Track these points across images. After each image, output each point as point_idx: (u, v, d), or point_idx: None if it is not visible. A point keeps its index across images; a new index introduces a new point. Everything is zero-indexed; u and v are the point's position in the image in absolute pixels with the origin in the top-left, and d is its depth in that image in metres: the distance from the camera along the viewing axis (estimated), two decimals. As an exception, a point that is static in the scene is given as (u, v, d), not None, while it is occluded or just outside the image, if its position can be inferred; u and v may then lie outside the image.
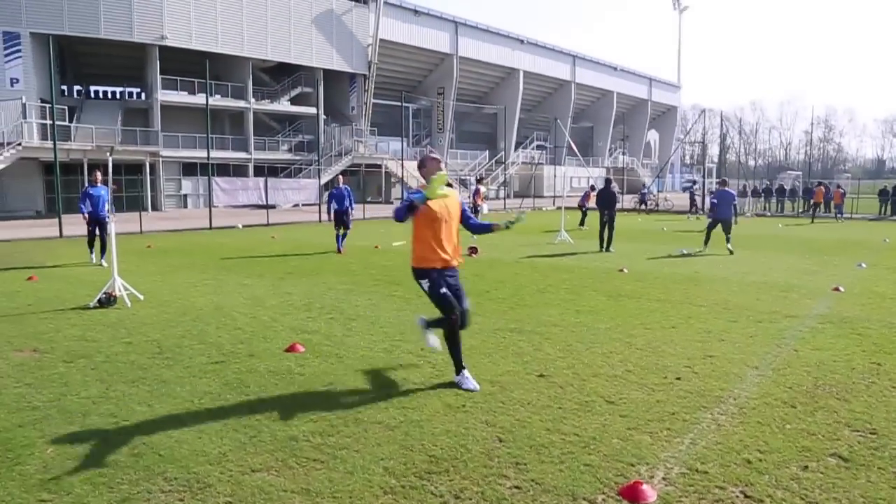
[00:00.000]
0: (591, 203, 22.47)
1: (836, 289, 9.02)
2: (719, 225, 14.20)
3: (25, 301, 8.44)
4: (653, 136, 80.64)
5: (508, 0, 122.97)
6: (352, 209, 14.26)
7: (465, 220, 4.98)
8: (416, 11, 46.85)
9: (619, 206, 16.16)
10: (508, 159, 53.84)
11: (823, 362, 5.40)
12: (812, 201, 29.22)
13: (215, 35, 36.41)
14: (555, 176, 47.56)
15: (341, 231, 14.04)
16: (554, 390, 4.68)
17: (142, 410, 4.39)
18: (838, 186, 33.43)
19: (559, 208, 34.60)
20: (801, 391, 4.67)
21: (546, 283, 9.61)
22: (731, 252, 13.49)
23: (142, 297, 8.40)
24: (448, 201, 4.73)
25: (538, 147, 58.74)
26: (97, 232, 12.66)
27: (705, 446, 3.72)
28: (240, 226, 23.43)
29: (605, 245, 14.17)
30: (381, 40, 43.84)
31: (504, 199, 40.68)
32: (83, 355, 5.73)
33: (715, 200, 14.42)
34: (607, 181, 14.88)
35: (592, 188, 23.23)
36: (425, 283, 4.77)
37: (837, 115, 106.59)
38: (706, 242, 14.12)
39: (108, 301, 8.02)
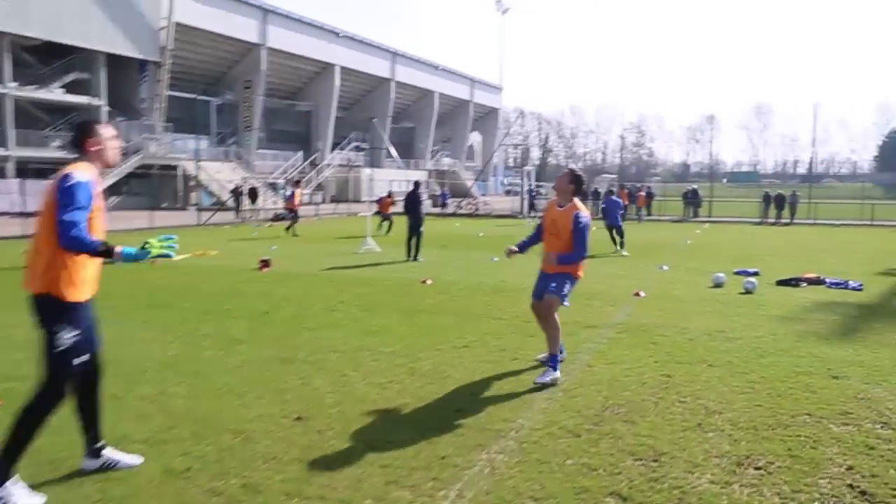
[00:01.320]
0: (397, 209, 22.93)
1: (637, 294, 9.45)
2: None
3: None
4: (475, 138, 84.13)
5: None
6: None
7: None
8: (215, -8, 44.28)
9: (428, 210, 16.15)
10: (324, 161, 52.84)
11: (615, 378, 5.37)
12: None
13: (-44, 2, 31.40)
14: (373, 179, 47.44)
15: None
16: (310, 437, 4.09)
17: None
18: (640, 189, 36.89)
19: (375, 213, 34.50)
20: (589, 415, 4.52)
21: (338, 299, 9.05)
22: (626, 255, 15.06)
23: None
24: None
25: (356, 148, 58.41)
26: None
27: (472, 499, 3.32)
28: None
29: (412, 253, 13.98)
30: (177, 24, 40.82)
31: (318, 204, 39.66)
32: None
33: (604, 206, 16.16)
34: (415, 184, 14.74)
35: (389, 194, 23.66)
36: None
37: (648, 121, 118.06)
38: (621, 245, 15.76)
39: None
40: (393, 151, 59.10)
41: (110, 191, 37.47)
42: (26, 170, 33.27)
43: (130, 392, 4.99)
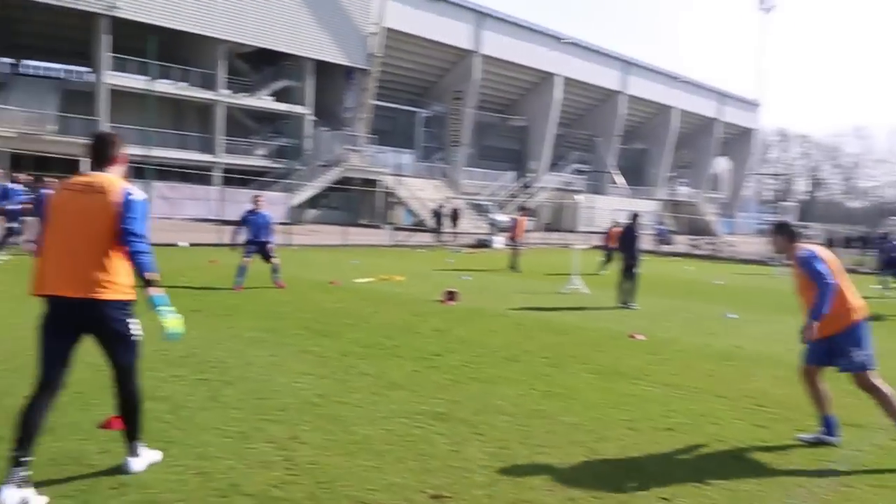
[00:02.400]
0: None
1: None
2: None
3: None
4: (722, 164, 79.81)
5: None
6: (272, 242, 13.30)
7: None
8: (431, -4, 46.93)
9: (646, 247, 15.30)
10: (538, 183, 53.21)
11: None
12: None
13: (180, 9, 36.46)
14: (592, 207, 46.77)
15: (247, 264, 12.98)
16: (446, 527, 3.73)
17: None
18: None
19: (591, 247, 33.83)
20: None
21: (523, 347, 8.69)
22: None
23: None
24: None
25: (576, 171, 58.15)
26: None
27: None
28: (183, 243, 22.82)
29: (624, 299, 13.26)
30: (387, 29, 43.82)
31: (527, 231, 39.82)
32: None
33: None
34: (633, 217, 14.02)
35: (616, 225, 22.44)
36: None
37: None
38: None
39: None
40: (618, 176, 58.11)
41: (309, 203, 40.93)
42: (230, 177, 37.36)
43: (260, 433, 5.02)
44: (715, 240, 40.27)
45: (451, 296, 12.63)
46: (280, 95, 42.20)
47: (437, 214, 33.81)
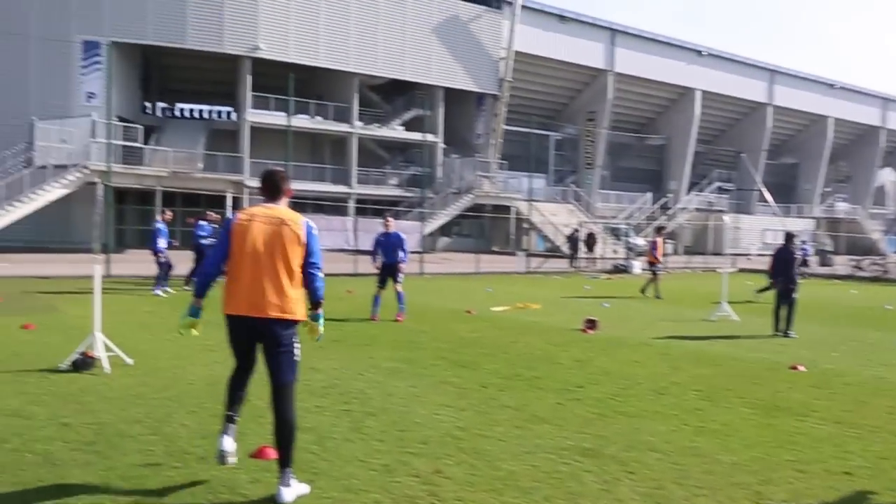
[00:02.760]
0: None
1: None
2: None
3: (-7, 356, 8.51)
4: (888, 176, 74.25)
5: (679, 2, 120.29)
6: (404, 262, 13.30)
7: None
8: (561, 17, 46.85)
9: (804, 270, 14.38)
10: (677, 204, 51.60)
11: None
12: None
13: (316, 47, 38.24)
14: (738, 227, 44.78)
15: (380, 293, 13.13)
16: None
17: (-3, 535, 3.85)
18: None
19: (741, 270, 32.30)
20: None
21: (672, 379, 8.35)
22: None
23: (130, 362, 8.22)
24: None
25: (718, 189, 55.96)
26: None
27: None
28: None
29: (780, 326, 12.51)
30: (516, 53, 44.11)
31: (667, 255, 38.63)
32: (-5, 439, 5.45)
33: None
34: (786, 237, 13.25)
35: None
36: None
37: None
38: None
39: (83, 364, 7.87)
40: (767, 194, 55.39)
41: (441, 231, 41.56)
42: (364, 207, 38.55)
43: (404, 466, 5.06)
44: (881, 260, 37.45)
45: (591, 324, 12.38)
46: (411, 125, 43.25)
47: (573, 239, 33.41)
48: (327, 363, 8.79)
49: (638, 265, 31.14)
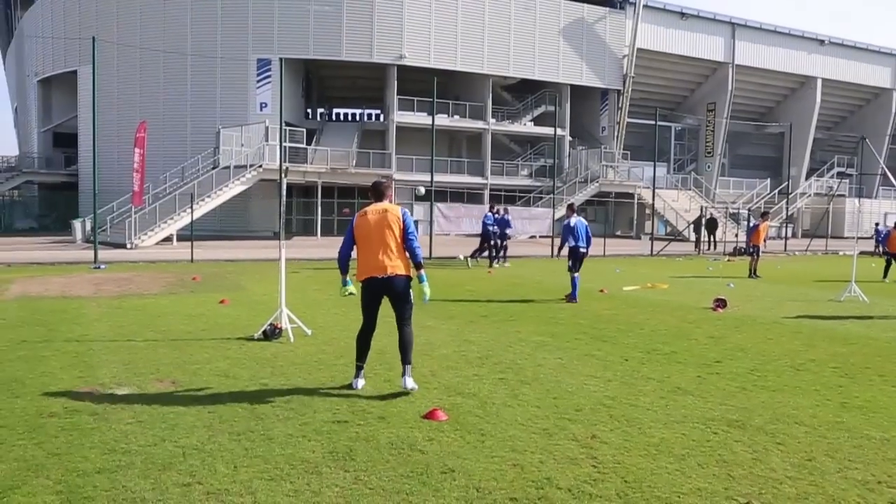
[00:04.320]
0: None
1: None
2: None
3: (201, 325, 9.18)
4: None
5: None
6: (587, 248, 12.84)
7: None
8: (682, 14, 44.78)
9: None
10: (797, 189, 48.38)
11: None
12: None
13: (455, 52, 38.48)
14: (860, 211, 41.42)
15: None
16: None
17: (224, 473, 4.15)
18: None
19: (861, 252, 29.93)
20: None
21: (808, 356, 7.85)
22: None
23: (309, 332, 8.60)
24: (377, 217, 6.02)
25: (839, 174, 51.93)
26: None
27: None
28: (461, 257, 23.91)
29: (917, 308, 11.48)
30: (638, 50, 42.62)
31: (785, 238, 36.36)
32: (213, 394, 5.86)
33: None
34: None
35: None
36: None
37: None
38: None
39: (272, 334, 8.32)
40: (891, 176, 50.83)
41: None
42: (498, 196, 38.56)
43: (562, 430, 5.03)
44: None
45: (721, 303, 11.85)
46: (540, 120, 42.78)
47: (697, 224, 32.04)
48: (479, 335, 8.89)
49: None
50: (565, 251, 12.93)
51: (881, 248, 17.99)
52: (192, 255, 20.64)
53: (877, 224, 34.33)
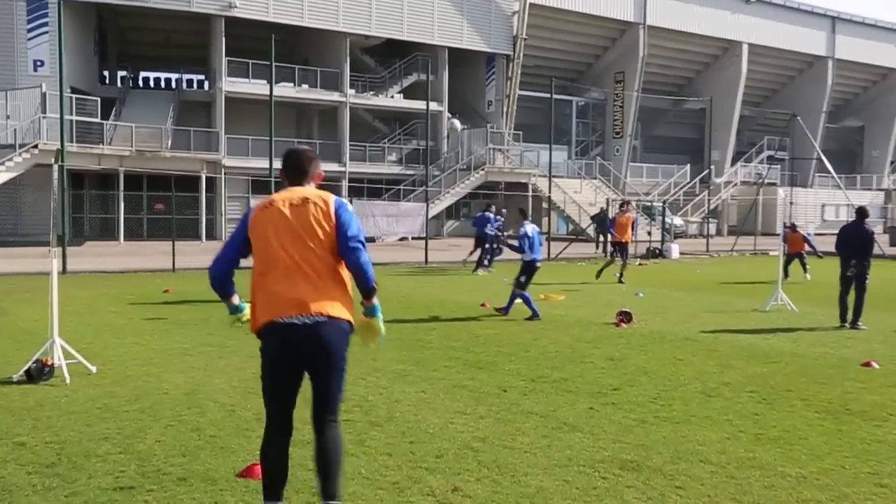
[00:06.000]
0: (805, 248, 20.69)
1: None
2: None
3: (-65, 366, 8.54)
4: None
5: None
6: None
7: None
8: (584, -39, 46.62)
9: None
10: (721, 177, 51.44)
11: None
12: None
13: (300, 3, 38.13)
14: (792, 203, 44.59)
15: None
16: None
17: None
18: None
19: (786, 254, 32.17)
20: None
21: (722, 379, 8.31)
22: None
23: (93, 370, 8.25)
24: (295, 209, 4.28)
25: (768, 159, 55.69)
26: None
27: None
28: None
29: (848, 317, 12.42)
30: (531, 6, 43.95)
31: (707, 236, 38.48)
32: (-59, 461, 5.47)
33: None
34: (860, 213, 13.07)
35: (792, 227, 21.45)
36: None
37: None
38: None
39: (39, 373, 7.90)
40: (826, 163, 55.07)
41: (445, 214, 41.53)
42: (358, 188, 38.56)
43: (417, 483, 5.05)
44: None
45: (625, 317, 12.35)
46: (411, 92, 43.13)
47: (600, 220, 33.31)
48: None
49: (676, 248, 31.08)
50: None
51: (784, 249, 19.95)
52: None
53: (789, 224, 36.54)
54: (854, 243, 12.74)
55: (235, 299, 4.48)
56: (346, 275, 4.23)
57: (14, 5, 32.53)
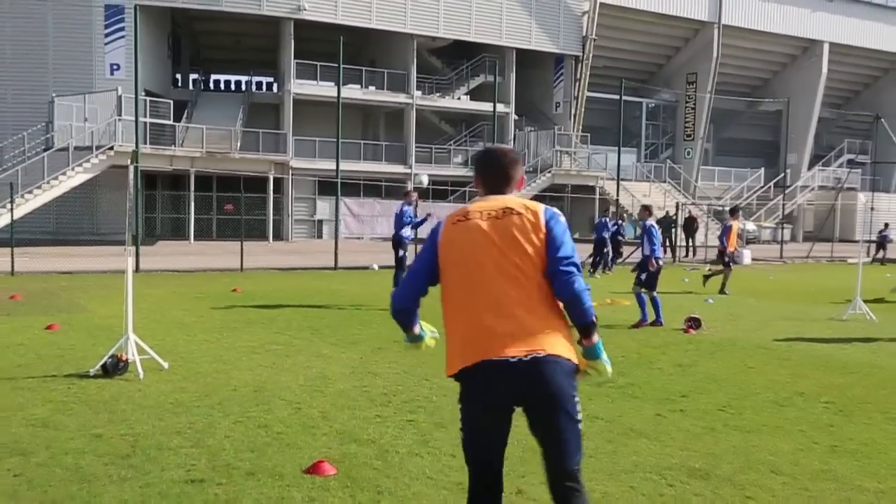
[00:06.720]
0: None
1: None
2: None
3: (17, 360, 8.89)
4: None
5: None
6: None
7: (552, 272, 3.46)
8: (656, -39, 46.13)
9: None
10: (797, 181, 50.33)
11: None
12: None
13: (369, 5, 38.51)
14: (873, 209, 43.37)
15: None
16: None
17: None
18: None
19: (872, 261, 31.35)
20: None
21: (794, 389, 8.17)
22: None
23: (166, 365, 8.46)
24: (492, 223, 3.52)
25: (849, 163, 54.26)
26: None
27: None
28: (375, 266, 23.95)
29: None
30: (601, 6, 43.63)
31: (781, 242, 37.69)
32: (23, 451, 5.72)
33: None
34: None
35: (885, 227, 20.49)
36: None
37: None
38: None
39: (114, 368, 8.13)
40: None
41: (511, 217, 41.38)
42: (424, 189, 38.70)
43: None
44: None
45: (694, 323, 12.22)
46: (478, 93, 43.19)
47: (665, 224, 32.91)
48: (387, 366, 8.92)
49: (748, 254, 30.54)
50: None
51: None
52: (12, 265, 19.96)
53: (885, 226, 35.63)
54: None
55: (417, 328, 3.86)
56: (557, 303, 3.50)
57: (93, 11, 33.57)
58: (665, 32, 48.62)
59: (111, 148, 29.53)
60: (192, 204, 33.96)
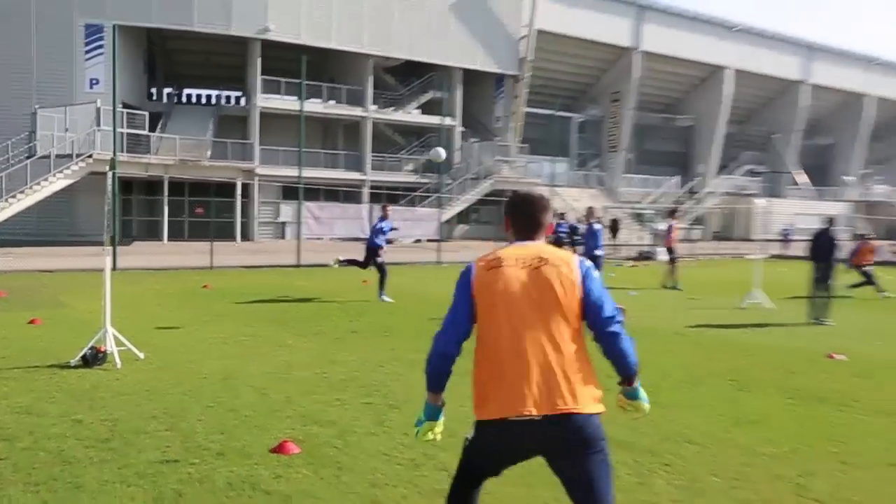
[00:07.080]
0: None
1: None
2: None
3: (2, 352, 8.64)
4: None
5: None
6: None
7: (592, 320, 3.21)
8: (586, -8, 46.59)
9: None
10: (705, 188, 51.29)
11: None
12: None
13: (329, 27, 38.22)
14: (769, 212, 44.45)
15: None
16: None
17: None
18: None
19: (772, 256, 32.04)
20: None
21: (706, 368, 8.36)
22: None
23: (141, 356, 8.30)
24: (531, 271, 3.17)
25: (749, 172, 55.49)
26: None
27: None
28: (333, 264, 23.73)
29: (815, 314, 12.47)
30: (538, 31, 43.89)
31: (695, 241, 38.40)
32: (8, 437, 5.57)
33: None
34: (828, 222, 13.20)
35: (862, 238, 20.01)
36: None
37: None
38: None
39: (93, 359, 7.95)
40: (799, 176, 54.97)
41: (458, 218, 41.56)
42: (378, 194, 38.62)
43: (431, 460, 5.08)
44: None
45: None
46: (427, 108, 43.17)
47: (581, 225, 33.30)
48: (346, 354, 8.87)
49: (663, 252, 30.98)
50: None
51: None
52: (-2, 264, 19.41)
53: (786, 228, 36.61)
54: (820, 248, 12.89)
55: (441, 398, 3.43)
56: (587, 356, 3.23)
57: (74, 30, 32.76)
58: (593, 56, 49.11)
59: (90, 156, 28.79)
60: (166, 207, 33.31)
